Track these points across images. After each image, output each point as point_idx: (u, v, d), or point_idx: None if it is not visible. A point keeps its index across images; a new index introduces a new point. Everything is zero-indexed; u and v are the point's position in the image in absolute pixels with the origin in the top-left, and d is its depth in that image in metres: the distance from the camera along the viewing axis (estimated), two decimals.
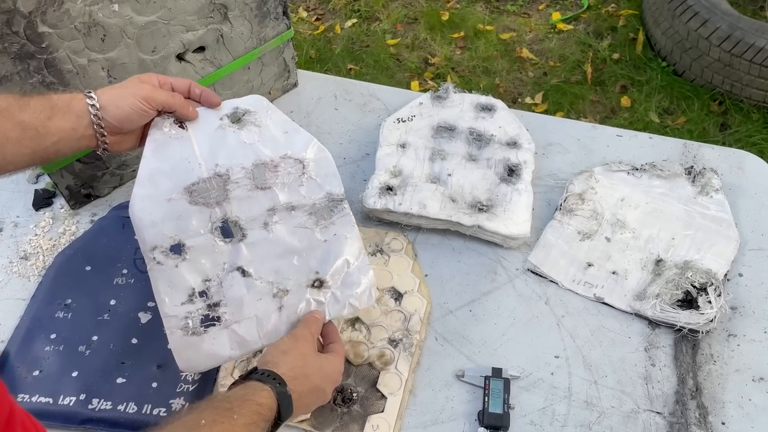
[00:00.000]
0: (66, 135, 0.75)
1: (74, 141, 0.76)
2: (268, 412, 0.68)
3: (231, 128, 0.87)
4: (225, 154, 0.85)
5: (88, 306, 0.96)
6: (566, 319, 0.95)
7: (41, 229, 1.08)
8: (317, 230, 0.85)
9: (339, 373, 0.80)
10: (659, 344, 0.92)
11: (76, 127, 0.75)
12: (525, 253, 1.03)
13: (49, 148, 0.74)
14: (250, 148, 0.86)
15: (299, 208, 0.85)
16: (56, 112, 0.74)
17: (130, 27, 0.95)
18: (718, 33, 2.32)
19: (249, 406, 0.67)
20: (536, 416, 0.86)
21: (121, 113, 0.77)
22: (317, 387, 0.75)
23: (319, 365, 0.76)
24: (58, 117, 0.74)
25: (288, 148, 0.87)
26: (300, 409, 0.74)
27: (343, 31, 2.97)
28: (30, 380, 0.89)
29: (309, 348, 0.77)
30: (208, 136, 0.85)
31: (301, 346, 0.76)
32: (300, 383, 0.73)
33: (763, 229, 1.05)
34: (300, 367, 0.74)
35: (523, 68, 2.73)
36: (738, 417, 0.85)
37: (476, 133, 1.13)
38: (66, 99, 0.76)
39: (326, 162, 0.88)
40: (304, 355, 0.75)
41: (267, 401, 0.68)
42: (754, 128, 2.37)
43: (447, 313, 0.96)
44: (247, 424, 0.65)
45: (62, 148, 0.76)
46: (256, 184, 0.84)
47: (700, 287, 0.93)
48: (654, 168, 1.10)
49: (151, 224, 0.81)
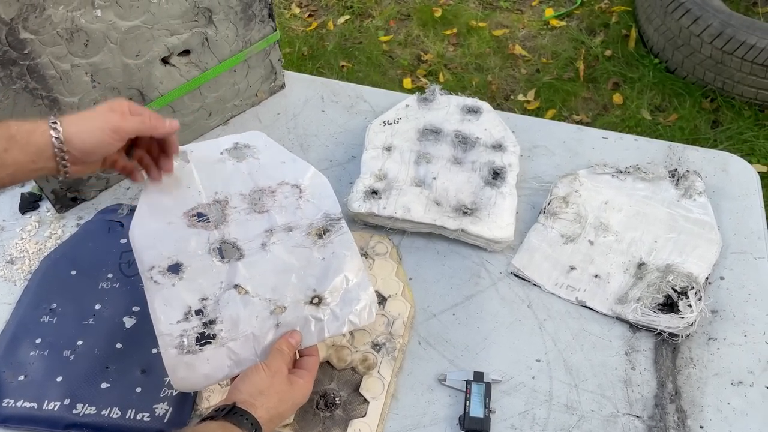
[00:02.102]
0: (23, 167, 0.72)
1: (31, 172, 0.74)
2: None
3: (231, 161, 0.91)
4: (224, 183, 0.89)
5: (74, 310, 0.96)
6: (548, 323, 0.96)
7: (27, 232, 1.08)
8: (315, 249, 0.86)
9: (307, 396, 0.78)
10: (640, 348, 0.93)
11: (35, 159, 0.72)
12: (509, 257, 1.03)
13: (4, 179, 0.71)
14: (249, 177, 0.90)
15: (297, 229, 0.87)
16: (13, 144, 0.70)
17: (114, 32, 0.95)
18: (710, 30, 2.33)
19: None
20: (517, 420, 0.86)
21: (86, 147, 0.74)
22: (284, 415, 0.75)
23: (292, 398, 0.75)
24: (15, 150, 0.71)
25: (285, 176, 0.91)
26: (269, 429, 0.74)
27: (335, 27, 2.96)
28: (15, 385, 0.89)
29: (283, 383, 0.75)
30: (209, 167, 0.89)
31: (277, 383, 0.75)
32: (273, 423, 0.73)
33: (745, 232, 1.06)
34: (275, 407, 0.73)
35: (516, 65, 2.73)
36: (716, 421, 0.86)
37: (462, 136, 1.14)
38: (26, 130, 0.71)
39: (323, 185, 0.91)
40: (280, 393, 0.74)
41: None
42: (746, 125, 2.38)
43: (430, 317, 0.97)
44: None
45: (18, 178, 0.73)
46: (254, 209, 0.88)
47: (681, 291, 0.94)
48: (638, 171, 1.11)
49: (150, 246, 0.83)
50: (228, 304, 0.81)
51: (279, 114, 1.26)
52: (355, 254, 0.86)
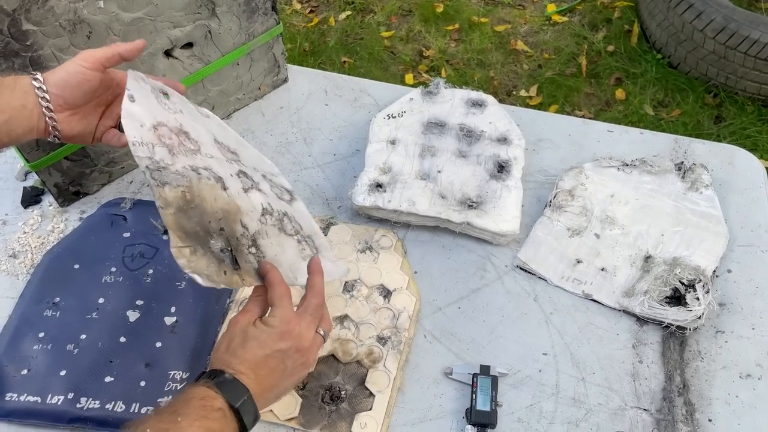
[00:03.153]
0: (16, 112, 0.75)
1: (25, 119, 0.76)
2: (213, 401, 0.66)
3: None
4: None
5: (77, 304, 0.96)
6: (555, 316, 0.95)
7: (30, 226, 1.07)
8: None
9: (284, 326, 0.73)
10: (647, 341, 0.92)
11: (24, 103, 0.76)
12: (514, 250, 1.03)
13: (1, 127, 0.74)
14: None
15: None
16: (3, 88, 0.75)
17: (116, 24, 0.94)
18: (713, 25, 2.32)
19: (192, 404, 0.65)
20: (524, 413, 0.86)
21: (59, 79, 0.77)
22: (271, 366, 0.72)
23: (269, 341, 0.72)
24: (5, 94, 0.75)
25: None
26: (261, 379, 0.71)
27: (337, 23, 2.95)
28: (18, 379, 0.88)
29: (240, 330, 0.73)
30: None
31: (232, 332, 0.73)
32: (263, 378, 0.70)
33: (752, 225, 1.05)
34: (236, 346, 0.71)
35: (518, 61, 2.72)
36: (725, 414, 0.85)
37: (466, 129, 1.13)
38: (12, 78, 0.76)
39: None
40: (235, 335, 0.72)
41: (209, 393, 0.66)
42: (749, 120, 2.37)
43: (436, 311, 0.96)
44: (197, 420, 0.63)
45: (14, 128, 0.76)
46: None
47: (689, 284, 0.94)
48: (644, 164, 1.10)
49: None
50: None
51: (282, 108, 1.25)
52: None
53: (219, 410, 0.65)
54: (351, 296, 0.97)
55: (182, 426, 0.62)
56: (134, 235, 1.04)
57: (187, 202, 0.75)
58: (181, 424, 0.62)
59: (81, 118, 0.82)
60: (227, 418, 0.66)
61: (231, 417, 0.67)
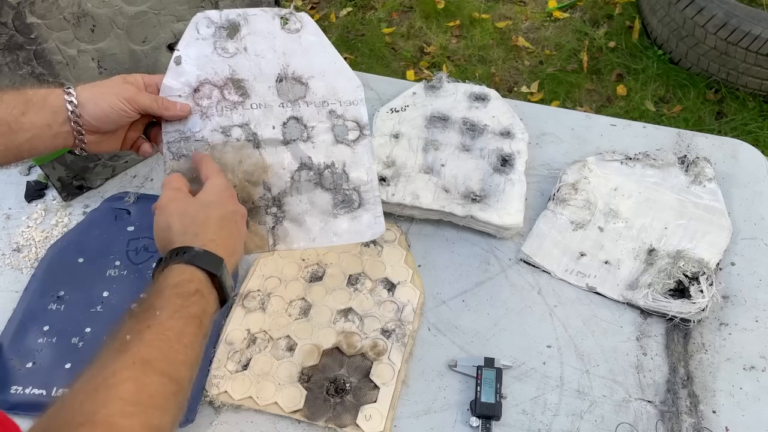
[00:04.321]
0: (40, 131, 0.71)
1: (49, 138, 0.73)
2: (188, 285, 0.64)
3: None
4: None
5: (81, 298, 0.96)
6: (558, 309, 0.95)
7: (34, 221, 1.08)
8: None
9: (226, 191, 0.74)
10: (651, 333, 0.92)
11: (51, 123, 0.72)
12: (518, 243, 1.03)
13: (23, 145, 0.71)
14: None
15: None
16: (30, 107, 0.71)
17: (120, 17, 0.95)
18: (714, 21, 2.31)
19: (166, 295, 0.62)
20: (528, 405, 0.86)
21: (100, 112, 0.74)
22: (224, 220, 0.71)
23: (206, 205, 0.72)
24: (32, 112, 0.71)
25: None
26: (225, 244, 0.70)
27: (338, 19, 2.95)
28: (23, 372, 0.89)
29: (188, 201, 0.72)
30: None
31: (171, 212, 0.71)
32: (217, 238, 0.69)
33: (755, 218, 1.05)
34: (189, 224, 0.69)
35: (519, 57, 2.72)
36: (729, 405, 0.85)
37: (470, 123, 1.13)
38: (42, 94, 0.72)
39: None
40: (182, 213, 0.71)
41: (183, 277, 0.64)
42: (750, 116, 2.37)
43: (440, 304, 0.97)
44: (176, 312, 0.61)
45: (37, 146, 0.72)
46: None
47: (692, 276, 0.94)
48: (647, 157, 1.10)
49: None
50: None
51: None
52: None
53: (196, 293, 0.64)
54: (355, 289, 0.97)
55: (162, 320, 0.60)
56: (138, 228, 1.04)
57: None
58: (160, 318, 0.60)
59: (108, 137, 0.80)
60: (205, 298, 0.65)
61: (209, 293, 0.66)
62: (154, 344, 0.58)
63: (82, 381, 0.55)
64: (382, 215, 0.86)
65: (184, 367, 0.60)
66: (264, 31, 0.87)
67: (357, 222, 0.85)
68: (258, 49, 0.86)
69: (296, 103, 0.86)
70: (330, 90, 0.88)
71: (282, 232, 0.83)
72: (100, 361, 0.57)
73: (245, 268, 1.00)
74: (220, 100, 0.83)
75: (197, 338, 0.62)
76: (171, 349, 0.59)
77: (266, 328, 0.93)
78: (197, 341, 0.62)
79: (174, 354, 0.59)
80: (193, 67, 0.83)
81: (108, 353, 0.57)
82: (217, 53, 0.85)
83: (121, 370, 0.55)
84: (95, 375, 0.55)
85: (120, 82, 0.77)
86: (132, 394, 0.54)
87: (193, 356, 0.62)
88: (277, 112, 0.85)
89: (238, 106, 0.84)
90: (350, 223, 0.85)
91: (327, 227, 0.84)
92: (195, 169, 0.79)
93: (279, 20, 0.88)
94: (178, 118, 0.81)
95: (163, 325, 0.60)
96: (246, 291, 0.97)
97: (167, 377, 0.57)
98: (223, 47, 0.85)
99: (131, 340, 0.58)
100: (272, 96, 0.85)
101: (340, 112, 0.88)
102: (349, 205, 0.85)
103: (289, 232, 0.83)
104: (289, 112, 0.86)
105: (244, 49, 0.86)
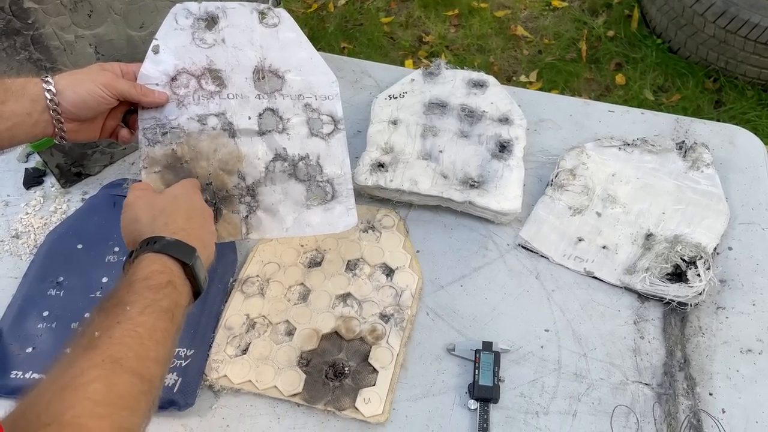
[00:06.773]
0: (20, 120, 0.72)
1: (29, 127, 0.73)
2: (160, 276, 0.63)
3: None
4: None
5: (81, 284, 0.96)
6: (556, 294, 0.96)
7: (32, 207, 1.08)
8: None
9: (189, 184, 0.77)
10: (648, 317, 0.93)
11: (30, 111, 0.72)
12: (516, 229, 1.03)
13: (3, 134, 0.71)
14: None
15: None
16: (9, 96, 0.71)
17: (117, 3, 0.94)
18: (713, 9, 2.31)
19: (137, 289, 0.61)
20: (526, 388, 0.87)
21: (78, 98, 0.74)
22: (192, 211, 0.73)
23: (169, 196, 0.74)
24: (11, 101, 0.71)
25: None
26: (197, 234, 0.70)
27: (336, 9, 2.94)
28: (23, 357, 0.89)
29: (155, 196, 0.74)
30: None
31: (139, 206, 0.72)
32: (186, 227, 0.70)
33: (753, 203, 1.05)
34: (158, 215, 0.70)
35: (518, 46, 2.71)
36: (725, 388, 0.86)
37: (468, 110, 1.13)
38: (20, 83, 0.73)
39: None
40: (150, 206, 0.72)
41: (154, 268, 0.63)
42: (749, 105, 2.37)
43: (438, 289, 0.97)
44: (147, 306, 0.60)
45: (17, 134, 0.73)
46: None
47: (690, 261, 0.94)
48: (645, 143, 1.10)
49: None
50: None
51: None
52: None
53: (168, 285, 0.63)
54: (354, 275, 0.97)
55: (132, 315, 0.58)
56: None
57: (177, 158, 0.81)
58: (130, 313, 0.59)
59: (87, 126, 0.80)
60: (178, 290, 0.64)
61: (182, 284, 0.65)
62: (124, 341, 0.57)
63: (49, 379, 0.53)
64: (354, 207, 0.88)
65: (155, 364, 0.58)
66: (242, 25, 0.88)
67: (330, 213, 0.87)
68: (236, 42, 0.87)
69: (272, 95, 0.88)
70: (306, 84, 0.90)
71: (255, 222, 0.84)
72: (67, 358, 0.55)
73: (244, 254, 1.00)
74: (197, 90, 0.84)
75: (169, 333, 0.61)
76: (142, 347, 0.57)
77: (265, 313, 0.93)
78: (169, 336, 0.61)
79: (145, 351, 0.57)
80: (171, 57, 0.84)
81: (76, 350, 0.56)
82: (195, 44, 0.85)
83: (89, 369, 0.53)
84: (62, 373, 0.54)
85: (97, 69, 0.78)
86: (101, 395, 0.52)
87: (165, 352, 0.60)
88: (253, 103, 0.86)
89: (215, 96, 0.85)
90: (323, 215, 0.87)
91: (300, 218, 0.86)
92: (169, 156, 0.80)
93: (257, 15, 0.89)
94: (156, 104, 0.82)
95: (133, 320, 0.58)
96: (245, 276, 0.97)
97: (137, 376, 0.55)
98: (201, 38, 0.86)
99: (100, 336, 0.56)
100: (249, 87, 0.87)
101: (315, 105, 0.89)
102: (322, 196, 0.87)
103: (262, 221, 0.84)
104: (265, 104, 0.87)
105: (222, 40, 0.87)
